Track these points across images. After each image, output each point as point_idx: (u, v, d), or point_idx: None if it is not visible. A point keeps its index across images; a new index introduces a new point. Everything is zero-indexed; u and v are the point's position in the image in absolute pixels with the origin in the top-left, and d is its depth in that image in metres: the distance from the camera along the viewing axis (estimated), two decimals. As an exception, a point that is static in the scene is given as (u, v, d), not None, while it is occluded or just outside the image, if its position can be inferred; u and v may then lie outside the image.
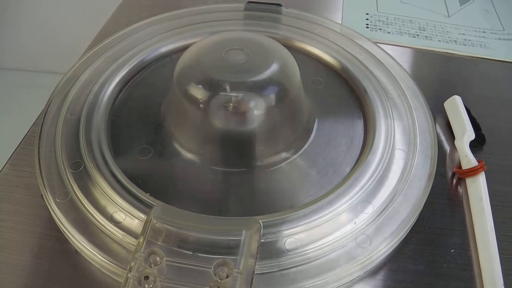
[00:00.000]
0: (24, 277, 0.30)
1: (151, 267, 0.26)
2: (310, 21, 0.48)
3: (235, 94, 0.33)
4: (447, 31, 0.52)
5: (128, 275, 0.26)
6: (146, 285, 0.26)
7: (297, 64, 0.37)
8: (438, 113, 0.41)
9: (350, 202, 0.31)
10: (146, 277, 0.26)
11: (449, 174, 0.37)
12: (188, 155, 0.36)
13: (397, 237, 0.31)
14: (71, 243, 0.31)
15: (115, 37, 0.45)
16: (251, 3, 0.49)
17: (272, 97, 0.34)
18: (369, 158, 0.34)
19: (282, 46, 0.38)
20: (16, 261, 0.30)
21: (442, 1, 0.57)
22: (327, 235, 0.30)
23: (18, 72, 1.16)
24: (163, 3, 0.55)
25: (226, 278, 0.26)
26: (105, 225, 0.30)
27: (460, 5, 0.56)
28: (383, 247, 0.30)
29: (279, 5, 0.49)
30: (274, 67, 0.35)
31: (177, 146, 0.36)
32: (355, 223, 0.31)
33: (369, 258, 0.30)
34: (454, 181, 0.36)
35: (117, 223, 0.30)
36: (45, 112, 0.38)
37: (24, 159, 0.37)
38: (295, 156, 0.36)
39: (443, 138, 0.40)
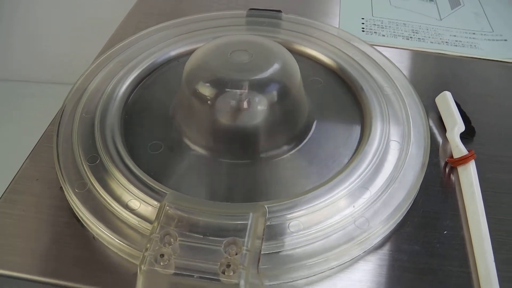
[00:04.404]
0: (48, 262, 0.32)
1: (166, 247, 0.28)
2: (309, 25, 0.51)
3: (240, 91, 0.36)
4: (439, 33, 0.54)
5: (145, 254, 0.28)
6: (161, 263, 0.28)
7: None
8: (431, 109, 0.44)
9: (349, 188, 0.34)
10: (162, 255, 0.28)
11: (442, 164, 0.39)
12: (197, 149, 0.38)
13: (393, 220, 0.33)
14: (89, 229, 0.33)
15: (125, 43, 0.48)
16: (252, 10, 0.52)
17: (274, 94, 0.37)
18: (366, 148, 0.36)
19: (283, 48, 0.41)
20: (40, 248, 0.33)
21: (434, 5, 0.60)
22: (328, 218, 0.32)
23: (26, 84, 1.20)
24: (169, 11, 0.58)
25: (235, 255, 0.28)
26: (121, 212, 0.32)
27: (451, 9, 0.59)
28: (380, 228, 0.32)
29: (279, 11, 0.52)
30: (276, 66, 0.37)
31: (186, 141, 0.39)
32: (353, 206, 0.33)
33: (367, 239, 0.32)
34: (447, 170, 0.39)
35: (132, 210, 0.32)
36: (61, 112, 0.41)
37: (42, 155, 0.39)
38: (297, 148, 0.38)
39: (435, 131, 0.42)
